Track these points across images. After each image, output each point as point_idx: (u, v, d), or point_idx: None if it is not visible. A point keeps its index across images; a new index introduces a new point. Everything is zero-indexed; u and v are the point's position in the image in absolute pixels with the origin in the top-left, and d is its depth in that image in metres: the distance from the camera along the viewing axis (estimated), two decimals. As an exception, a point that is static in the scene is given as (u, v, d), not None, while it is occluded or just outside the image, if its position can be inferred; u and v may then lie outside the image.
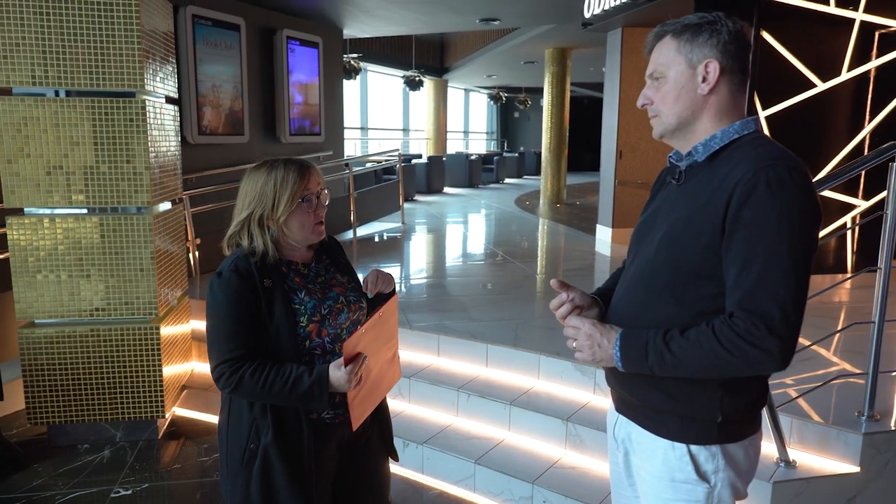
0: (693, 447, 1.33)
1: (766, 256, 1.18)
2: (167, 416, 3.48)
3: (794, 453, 2.53)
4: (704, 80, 1.28)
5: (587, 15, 6.69)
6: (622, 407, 1.47)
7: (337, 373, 1.46)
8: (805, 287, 1.21)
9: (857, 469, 2.48)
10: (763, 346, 1.17)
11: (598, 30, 6.95)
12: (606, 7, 6.19)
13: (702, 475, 1.33)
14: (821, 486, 2.45)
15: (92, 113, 3.07)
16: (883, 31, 4.67)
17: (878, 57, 4.69)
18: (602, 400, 3.15)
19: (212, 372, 1.54)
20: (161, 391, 3.36)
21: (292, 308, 1.56)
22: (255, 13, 6.97)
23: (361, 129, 14.71)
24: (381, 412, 1.78)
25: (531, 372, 3.41)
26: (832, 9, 4.47)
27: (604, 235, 7.24)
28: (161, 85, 3.38)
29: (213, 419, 3.71)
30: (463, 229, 8.97)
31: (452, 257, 6.89)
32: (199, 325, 4.24)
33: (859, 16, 4.54)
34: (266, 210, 1.55)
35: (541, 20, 8.06)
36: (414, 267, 6.22)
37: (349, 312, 1.67)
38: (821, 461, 2.54)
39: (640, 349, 1.27)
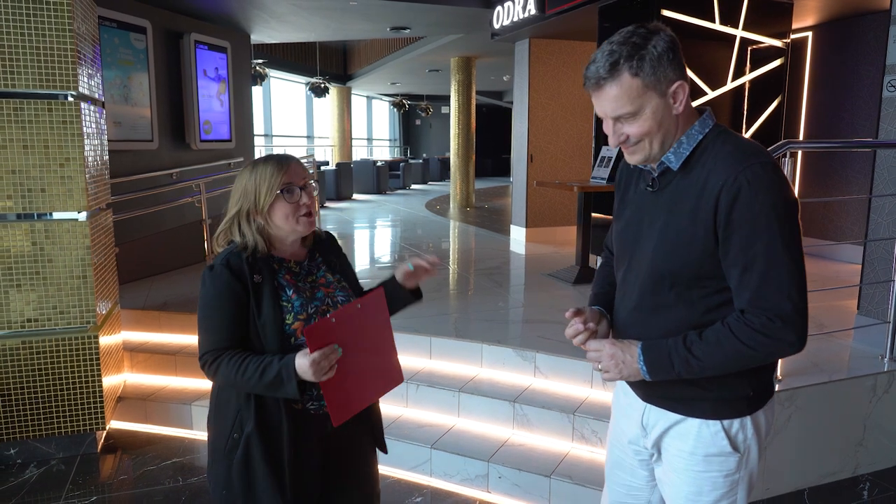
0: (725, 422, 1.40)
1: (765, 254, 1.25)
2: (106, 428, 3.36)
3: (714, 414, 2.88)
4: (675, 100, 1.32)
5: (496, 26, 7.03)
6: (651, 398, 1.49)
7: (302, 360, 1.44)
8: (803, 271, 1.28)
9: (766, 423, 2.86)
10: (781, 336, 1.27)
11: (507, 40, 7.32)
12: (515, 19, 6.55)
13: (735, 446, 1.41)
14: (739, 439, 2.80)
15: (20, 115, 2.95)
16: (753, 46, 5.30)
17: (751, 70, 5.31)
18: (543, 382, 3.39)
19: (199, 359, 1.58)
20: (101, 402, 3.25)
21: (280, 305, 1.58)
22: (162, 16, 6.74)
23: (266, 136, 14.40)
24: (370, 408, 1.76)
25: (474, 361, 3.60)
26: (717, 26, 5.03)
27: (518, 235, 7.60)
28: (91, 87, 3.29)
29: (153, 429, 3.62)
30: (382, 233, 9.07)
31: (378, 259, 6.99)
32: (130, 335, 4.10)
33: (739, 32, 5.14)
34: (251, 204, 1.58)
35: (449, 29, 8.33)
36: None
37: None
38: (737, 419, 2.90)
39: (664, 359, 1.34)
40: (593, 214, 5.27)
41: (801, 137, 6.28)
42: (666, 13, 4.84)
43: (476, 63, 11.34)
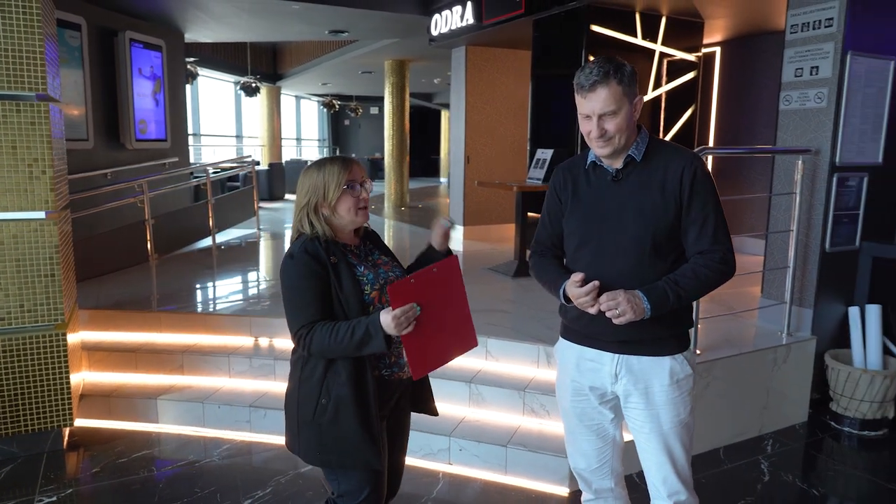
0: (685, 353, 1.91)
1: (714, 212, 1.81)
2: (73, 424, 3.42)
3: (645, 385, 3.30)
4: (636, 110, 1.81)
5: (434, 33, 7.33)
6: (623, 348, 1.88)
7: (385, 315, 1.69)
8: None
9: (688, 392, 3.31)
10: (731, 263, 1.83)
11: (444, 47, 7.64)
12: (453, 27, 6.87)
13: (693, 368, 1.92)
14: (666, 406, 3.23)
15: (-13, 116, 2.99)
16: (670, 59, 5.85)
17: (668, 82, 5.87)
18: (494, 364, 3.72)
19: (292, 337, 1.82)
20: (69, 399, 3.31)
21: (357, 279, 1.84)
22: (96, 13, 6.64)
23: (194, 135, 14.10)
24: (429, 385, 2.09)
25: (430, 348, 3.88)
26: (639, 40, 5.54)
27: (455, 233, 7.93)
28: (54, 88, 3.34)
29: (118, 425, 3.69)
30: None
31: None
32: (86, 335, 4.13)
33: (658, 47, 5.67)
34: (319, 198, 1.84)
35: (387, 34, 8.56)
36: (284, 269, 6.36)
37: None
38: (664, 389, 3.33)
39: (662, 295, 1.76)
40: (528, 213, 5.67)
41: (710, 143, 6.94)
42: (595, 28, 5.30)
43: (410, 66, 11.60)
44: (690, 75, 5.90)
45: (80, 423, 3.66)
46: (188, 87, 11.27)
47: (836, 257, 3.81)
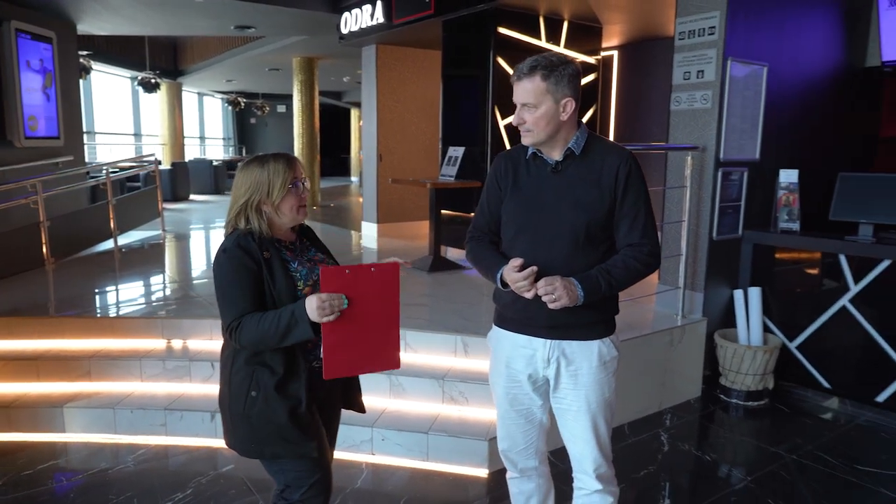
0: (611, 336, 2.00)
1: (645, 208, 1.91)
2: (-33, 438, 3.22)
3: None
4: (564, 111, 1.85)
5: (344, 31, 7.33)
6: (555, 333, 1.95)
7: (310, 300, 1.68)
8: None
9: (595, 372, 3.55)
10: (657, 256, 1.93)
11: (354, 45, 7.65)
12: (363, 26, 6.91)
13: (617, 350, 2.01)
14: (576, 387, 3.44)
15: None
16: (573, 61, 6.18)
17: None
18: (413, 355, 3.82)
19: (224, 330, 1.81)
20: (-37, 411, 3.12)
21: (290, 274, 1.84)
22: (-24, 1, 6.18)
23: (88, 133, 13.27)
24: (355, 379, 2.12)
25: (350, 343, 3.93)
26: (543, 43, 5.81)
27: (370, 231, 7.98)
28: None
29: (19, 437, 3.49)
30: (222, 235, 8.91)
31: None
32: (-22, 343, 3.87)
33: (561, 50, 5.96)
34: (262, 196, 1.83)
35: (295, 31, 8.45)
36: (199, 270, 6.19)
37: None
38: (574, 371, 3.55)
39: (595, 283, 1.84)
40: (442, 210, 5.81)
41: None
42: (501, 30, 5.50)
43: (318, 64, 11.48)
44: (591, 77, 6.24)
45: (-26, 437, 3.45)
46: (81, 82, 10.64)
47: (722, 245, 4.19)
